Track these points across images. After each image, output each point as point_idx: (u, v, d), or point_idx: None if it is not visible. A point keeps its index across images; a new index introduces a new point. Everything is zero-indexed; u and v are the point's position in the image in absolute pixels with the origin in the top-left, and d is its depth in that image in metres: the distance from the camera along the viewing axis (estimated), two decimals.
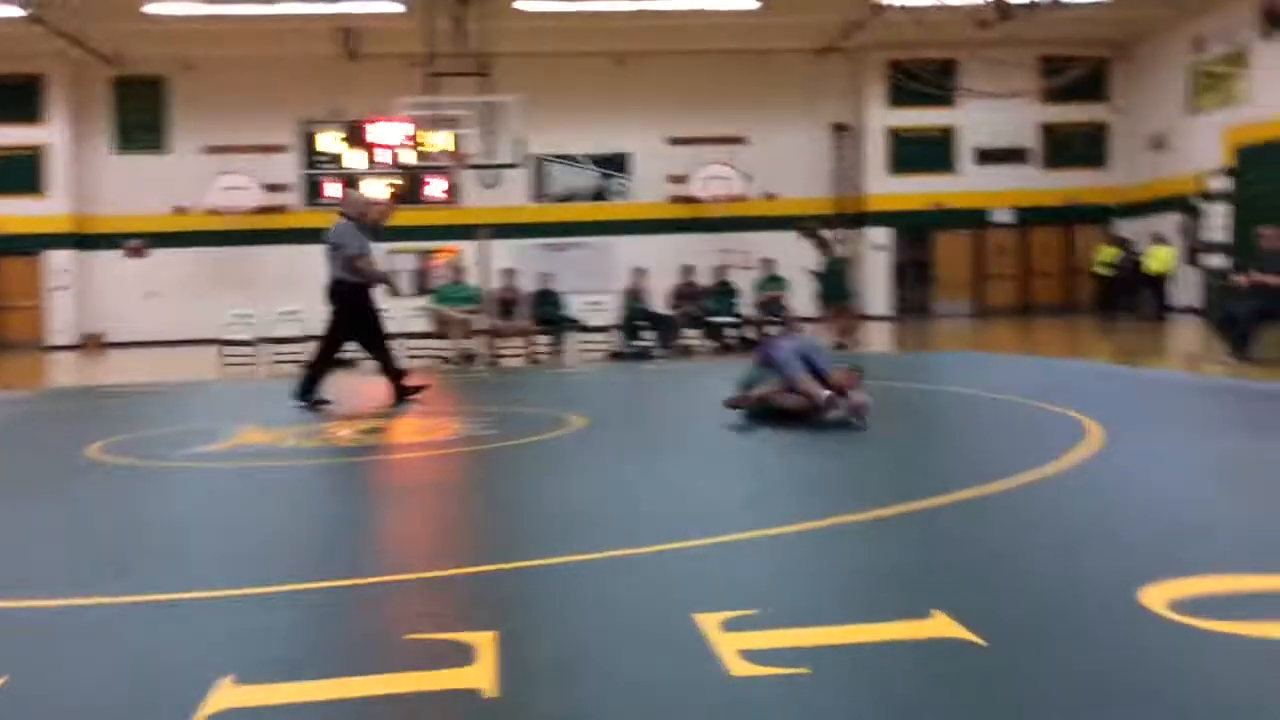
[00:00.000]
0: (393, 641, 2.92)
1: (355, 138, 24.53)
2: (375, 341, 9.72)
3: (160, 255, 24.23)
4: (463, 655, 2.75)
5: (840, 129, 25.66)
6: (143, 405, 10.36)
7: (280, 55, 23.74)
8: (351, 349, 10.29)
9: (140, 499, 5.38)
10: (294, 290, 22.19)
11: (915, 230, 26.03)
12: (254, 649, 2.89)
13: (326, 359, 9.77)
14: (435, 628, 3.00)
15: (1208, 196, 21.42)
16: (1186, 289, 22.22)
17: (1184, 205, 22.72)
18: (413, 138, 19.10)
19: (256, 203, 24.11)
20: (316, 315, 16.55)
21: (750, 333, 16.23)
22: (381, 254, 10.08)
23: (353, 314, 9.61)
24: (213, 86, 24.03)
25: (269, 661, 2.77)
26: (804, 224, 16.36)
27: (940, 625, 2.86)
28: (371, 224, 9.91)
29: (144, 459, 6.60)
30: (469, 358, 15.21)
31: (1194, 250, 22.17)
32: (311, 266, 24.85)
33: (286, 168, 24.56)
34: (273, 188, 24.40)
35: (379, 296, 9.92)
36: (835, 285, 16.34)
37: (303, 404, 9.33)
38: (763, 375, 7.50)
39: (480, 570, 3.66)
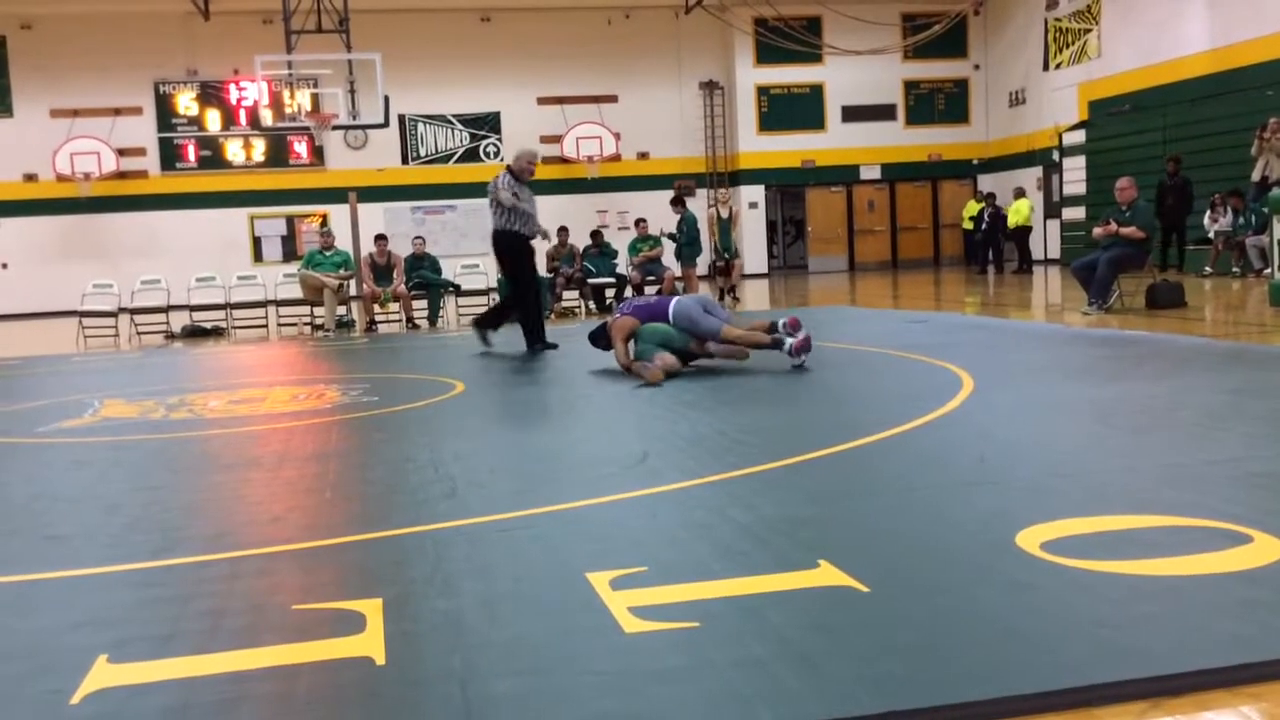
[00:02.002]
0: (281, 613, 2.86)
1: (213, 99, 23.73)
2: (523, 290, 10.31)
3: (10, 224, 23.09)
4: (352, 623, 2.71)
5: (710, 87, 25.78)
6: (0, 381, 9.91)
7: (127, 12, 22.73)
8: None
9: (2, 477, 5.14)
10: (155, 259, 21.51)
11: (788, 187, 26.38)
12: (133, 626, 2.80)
13: (509, 305, 10.70)
14: (322, 597, 2.95)
15: (1064, 151, 22.16)
16: (1048, 241, 23.02)
17: (1043, 159, 23.48)
18: (273, 98, 18.54)
19: (110, 167, 23.09)
20: (179, 284, 16.18)
21: (629, 292, 16.27)
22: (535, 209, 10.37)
23: (516, 261, 10.16)
24: (55, 45, 22.86)
25: (149, 638, 2.69)
26: (683, 187, 16.50)
27: (826, 574, 2.92)
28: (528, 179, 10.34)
29: (4, 435, 6.33)
30: (343, 324, 14.92)
31: (1053, 203, 22.95)
32: (173, 233, 24.19)
33: (142, 130, 23.57)
34: (128, 152, 23.40)
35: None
36: (724, 241, 17.24)
37: (479, 334, 10.45)
38: (663, 337, 7.60)
39: (365, 538, 3.61)
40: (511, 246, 10.17)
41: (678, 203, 16.50)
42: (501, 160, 24.87)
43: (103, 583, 3.25)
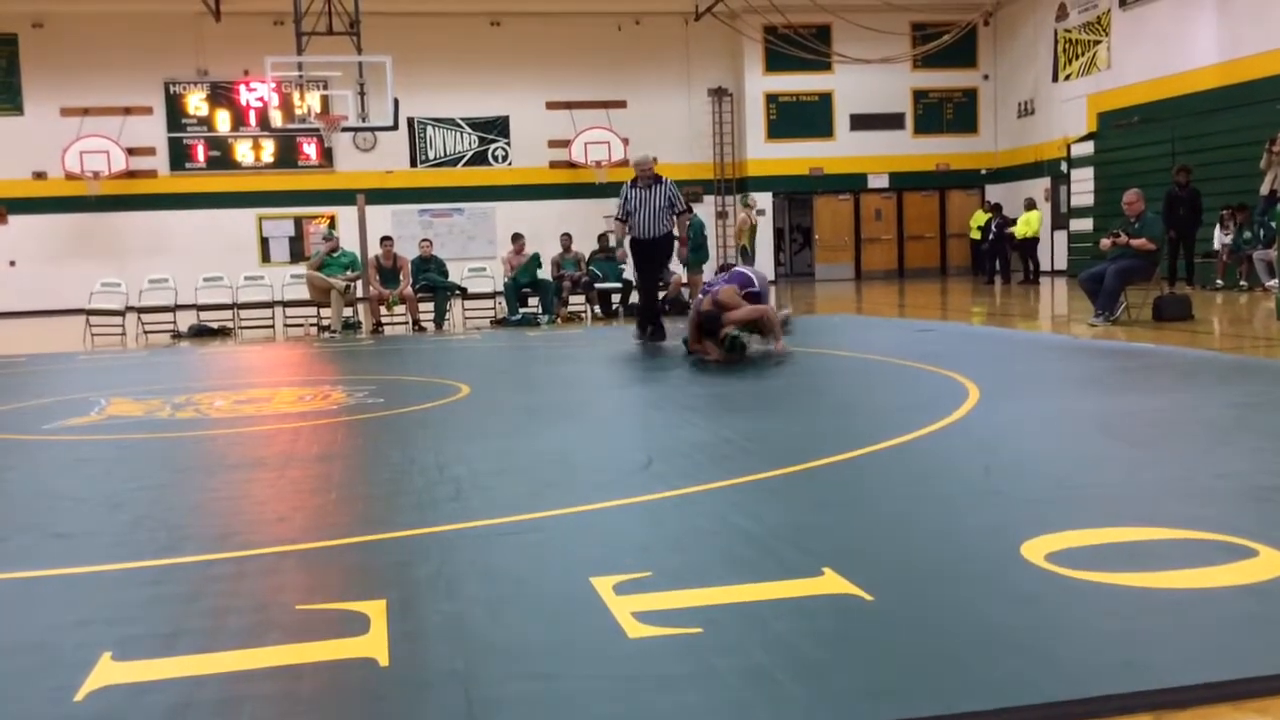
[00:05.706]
0: (285, 613, 2.87)
1: (222, 99, 23.78)
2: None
3: (20, 222, 23.13)
4: (356, 624, 2.71)
5: (719, 94, 25.79)
6: (6, 378, 9.92)
7: (138, 12, 22.78)
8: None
9: (7, 473, 5.16)
10: (163, 258, 21.56)
11: (795, 195, 26.38)
12: (137, 624, 2.80)
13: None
14: (326, 598, 2.96)
15: (1072, 162, 22.12)
16: (1055, 252, 22.99)
17: (1051, 170, 23.45)
18: (282, 99, 18.56)
19: (120, 167, 23.12)
20: (186, 283, 16.20)
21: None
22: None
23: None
24: (66, 44, 22.90)
25: (153, 636, 2.69)
26: (689, 194, 16.65)
27: (830, 582, 2.92)
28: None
29: (10, 433, 6.34)
30: (350, 326, 14.94)
31: (1061, 214, 22.92)
32: (181, 233, 24.23)
33: (152, 130, 23.61)
34: (137, 151, 23.44)
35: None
36: (752, 247, 17.51)
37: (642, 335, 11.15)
38: None
39: (370, 539, 3.61)
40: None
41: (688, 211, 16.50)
42: (509, 165, 24.92)
43: (107, 581, 3.25)
